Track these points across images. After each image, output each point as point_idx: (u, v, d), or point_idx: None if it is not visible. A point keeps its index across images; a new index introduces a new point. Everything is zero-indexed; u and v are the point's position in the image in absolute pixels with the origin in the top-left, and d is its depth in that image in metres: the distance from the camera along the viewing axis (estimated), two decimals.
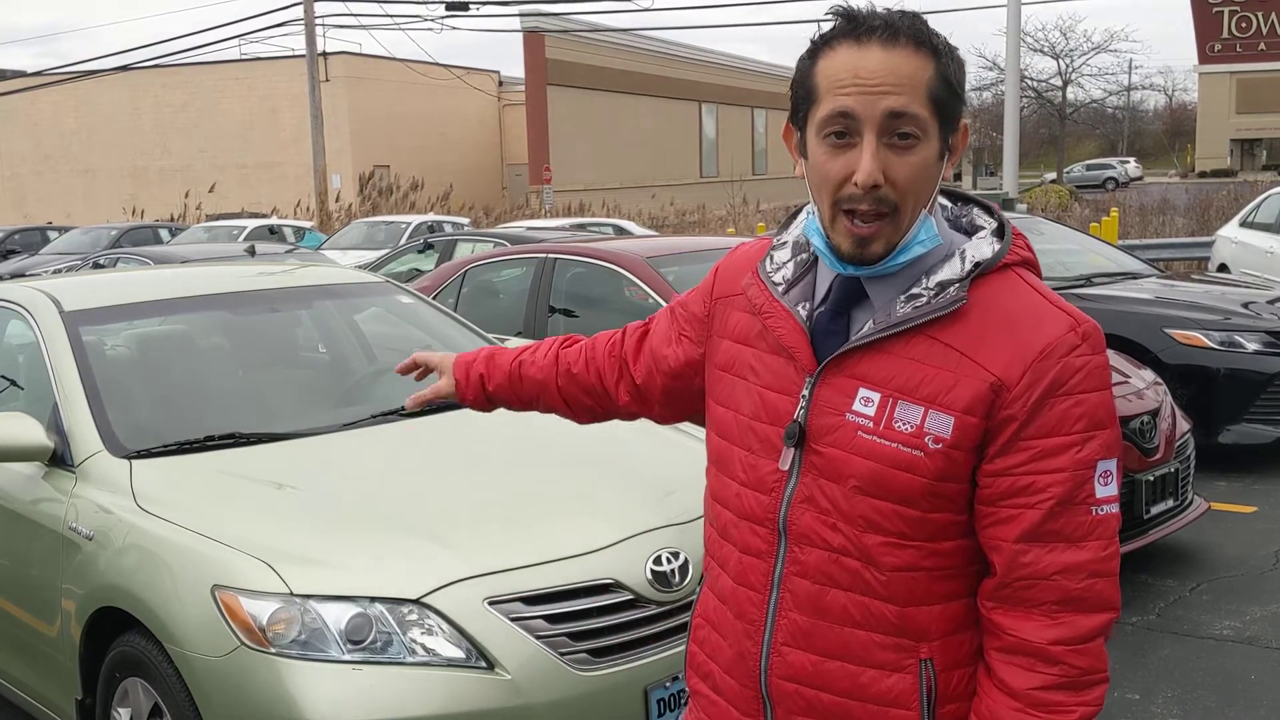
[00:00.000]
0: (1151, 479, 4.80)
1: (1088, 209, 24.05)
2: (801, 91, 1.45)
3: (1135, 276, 7.73)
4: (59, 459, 3.37)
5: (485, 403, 2.02)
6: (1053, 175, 48.51)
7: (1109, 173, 50.55)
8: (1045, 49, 52.63)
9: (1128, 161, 54.17)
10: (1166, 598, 4.83)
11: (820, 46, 1.42)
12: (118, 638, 2.99)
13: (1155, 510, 4.85)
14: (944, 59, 1.40)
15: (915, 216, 1.42)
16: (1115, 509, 1.40)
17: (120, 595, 2.94)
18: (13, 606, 3.49)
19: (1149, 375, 5.43)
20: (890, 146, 1.38)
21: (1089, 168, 53.07)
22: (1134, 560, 5.07)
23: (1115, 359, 5.46)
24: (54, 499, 3.31)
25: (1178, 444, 5.04)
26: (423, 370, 2.08)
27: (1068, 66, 53.90)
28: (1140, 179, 49.12)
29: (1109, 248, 8.85)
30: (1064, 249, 8.07)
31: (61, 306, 3.82)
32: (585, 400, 1.92)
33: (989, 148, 56.35)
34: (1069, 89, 54.78)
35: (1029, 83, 49.92)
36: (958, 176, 60.69)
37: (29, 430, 3.35)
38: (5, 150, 41.17)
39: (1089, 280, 7.48)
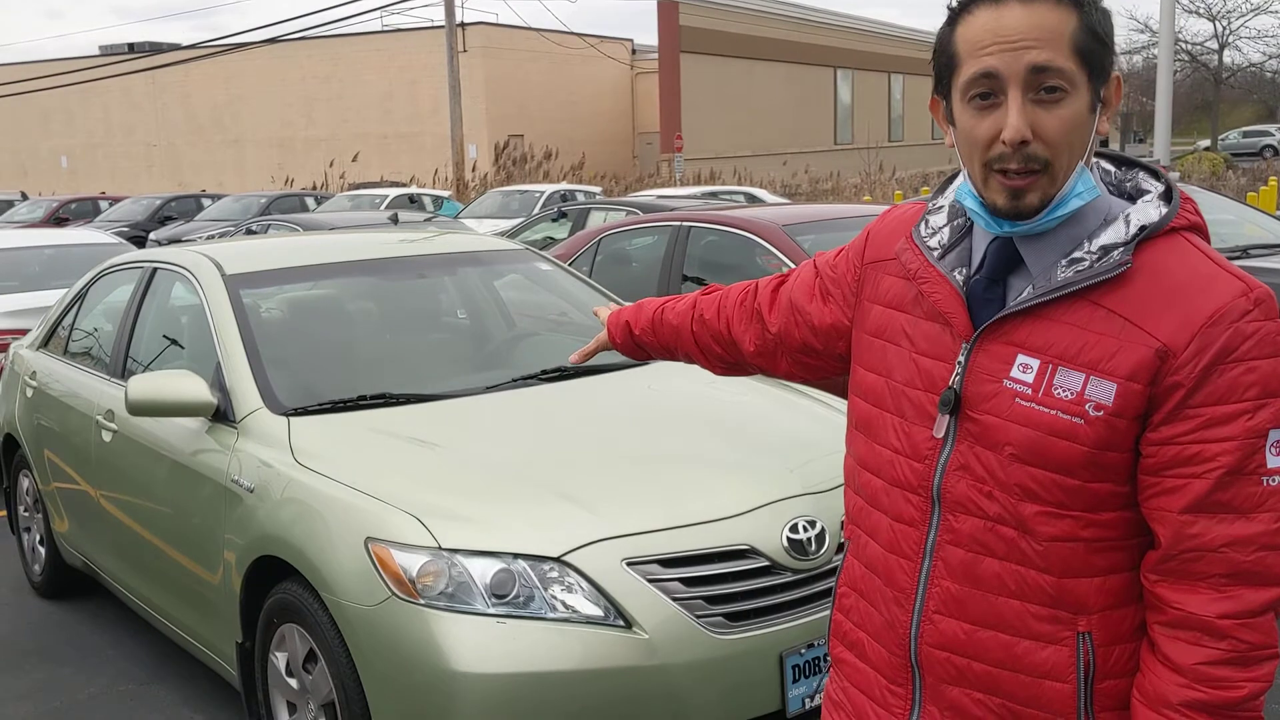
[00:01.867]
0: None
1: (1244, 178, 22.98)
2: (943, 59, 1.44)
3: None
4: (221, 415, 3.55)
5: (633, 348, 2.12)
6: (1206, 142, 46.32)
7: (1267, 140, 47.99)
8: (1200, 10, 50.09)
9: None
10: None
11: (958, 13, 1.42)
12: (276, 585, 3.15)
13: None
14: (1088, 9, 1.37)
15: (1070, 170, 1.38)
16: None
17: (279, 545, 3.09)
18: (178, 554, 3.70)
19: None
20: (1037, 102, 1.35)
21: (1245, 135, 50.47)
22: None
23: None
24: (217, 452, 3.49)
25: None
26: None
27: (1224, 29, 51.24)
28: None
29: (1267, 218, 8.45)
30: (1219, 219, 7.73)
31: (223, 270, 4.01)
32: (715, 348, 1.95)
33: (1138, 113, 54.10)
34: (1225, 52, 52.08)
35: (1182, 45, 47.60)
36: (1104, 143, 58.25)
37: (195, 387, 3.54)
38: (161, 121, 42.99)
39: (1245, 252, 7.17)
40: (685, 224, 6.54)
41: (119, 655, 4.46)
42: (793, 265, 5.61)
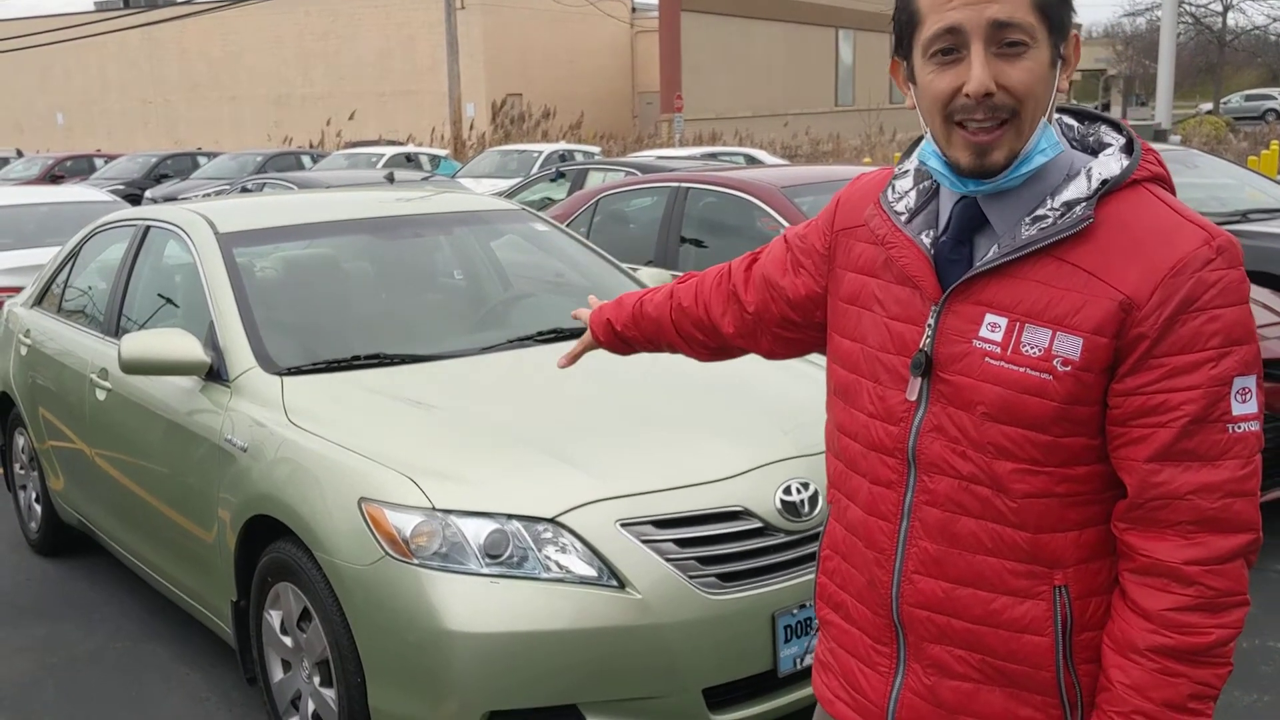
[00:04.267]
0: None
1: (1245, 142, 22.91)
2: (904, 17, 1.44)
3: None
4: (215, 374, 3.54)
5: (619, 344, 2.08)
6: (1208, 106, 46.12)
7: (1270, 104, 47.80)
8: None
9: None
10: None
11: None
12: (270, 544, 3.15)
13: None
14: None
15: (1036, 123, 1.39)
16: (1255, 427, 1.36)
17: (273, 504, 3.09)
18: (173, 513, 3.70)
19: None
20: (1000, 55, 1.36)
21: (1248, 98, 50.24)
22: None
23: (1272, 298, 5.23)
24: (211, 411, 3.48)
25: None
26: None
27: None
28: None
29: (1269, 182, 8.41)
30: (1219, 183, 7.71)
31: (216, 228, 3.99)
32: (697, 335, 1.94)
33: (1141, 77, 53.76)
34: (1229, 14, 51.72)
35: (1186, 8, 47.26)
36: (1106, 106, 58.38)
37: (188, 346, 3.52)
38: (157, 78, 42.65)
39: (1245, 216, 7.14)
40: (683, 185, 6.51)
41: (115, 612, 4.48)
42: (790, 226, 5.58)
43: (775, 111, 36.91)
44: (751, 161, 17.05)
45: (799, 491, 2.95)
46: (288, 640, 3.16)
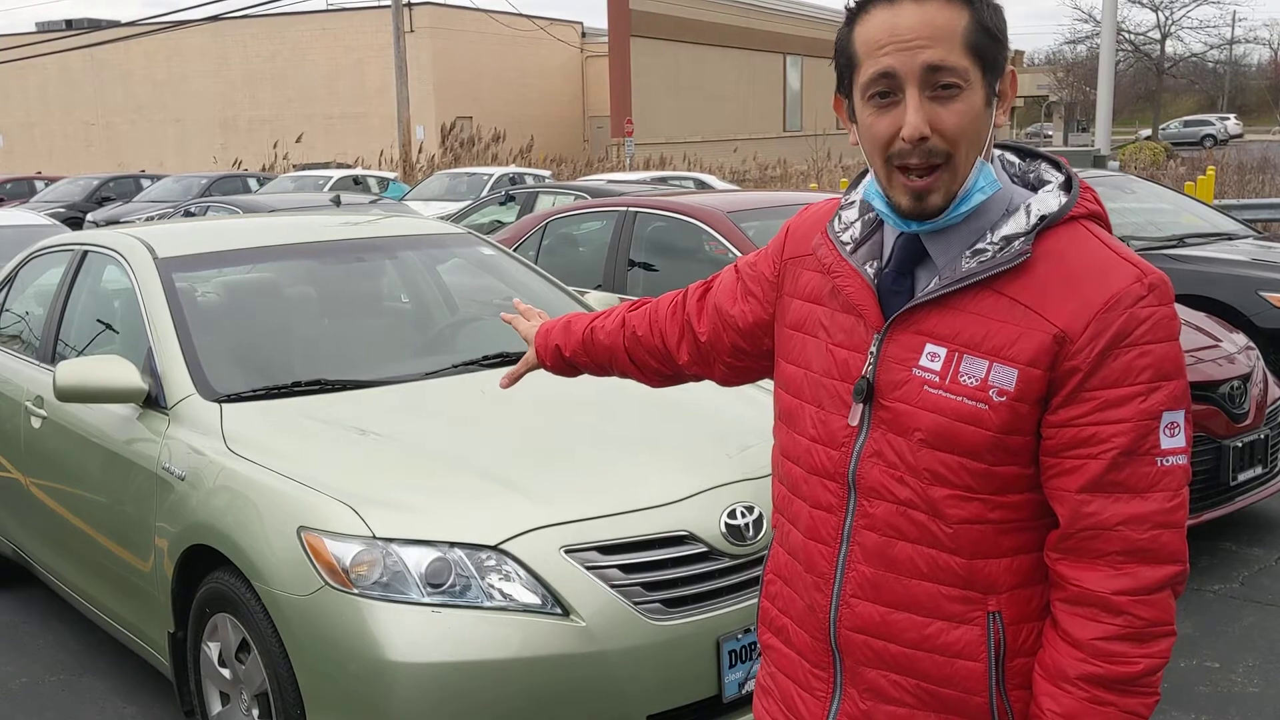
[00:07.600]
0: (1240, 445, 4.69)
1: (1184, 167, 23.41)
2: (843, 59, 1.48)
3: (1230, 237, 7.51)
4: (153, 401, 3.49)
5: (566, 369, 2.09)
6: (1147, 132, 47.14)
7: (1207, 130, 49.02)
8: (1144, 0, 50.95)
9: (1228, 118, 52.36)
10: (1251, 566, 4.73)
11: (856, 14, 1.45)
12: (208, 575, 3.10)
13: (1242, 477, 4.74)
14: (979, 6, 1.41)
15: (970, 164, 1.42)
16: (1183, 460, 1.39)
17: (211, 534, 3.04)
18: (110, 542, 3.63)
19: (1241, 339, 5.29)
20: (934, 99, 1.39)
21: (1186, 124, 51.48)
22: (1219, 527, 4.97)
23: (1207, 322, 5.33)
24: (148, 440, 3.42)
25: (1269, 410, 4.92)
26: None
27: (1167, 19, 52.16)
28: (1240, 136, 47.55)
29: (1204, 207, 8.59)
30: (1156, 208, 7.86)
31: (156, 253, 3.93)
32: (651, 363, 1.95)
33: (1082, 103, 54.80)
34: (1168, 42, 52.98)
35: (1125, 35, 48.33)
36: (1048, 135, 59.45)
37: (125, 373, 3.47)
38: (101, 100, 42.10)
39: (1181, 241, 7.29)
40: (631, 209, 6.53)
41: (50, 645, 4.38)
42: (736, 251, 5.62)
43: (724, 136, 37.17)
44: (701, 186, 17.13)
45: (744, 515, 2.96)
46: (226, 672, 3.10)
